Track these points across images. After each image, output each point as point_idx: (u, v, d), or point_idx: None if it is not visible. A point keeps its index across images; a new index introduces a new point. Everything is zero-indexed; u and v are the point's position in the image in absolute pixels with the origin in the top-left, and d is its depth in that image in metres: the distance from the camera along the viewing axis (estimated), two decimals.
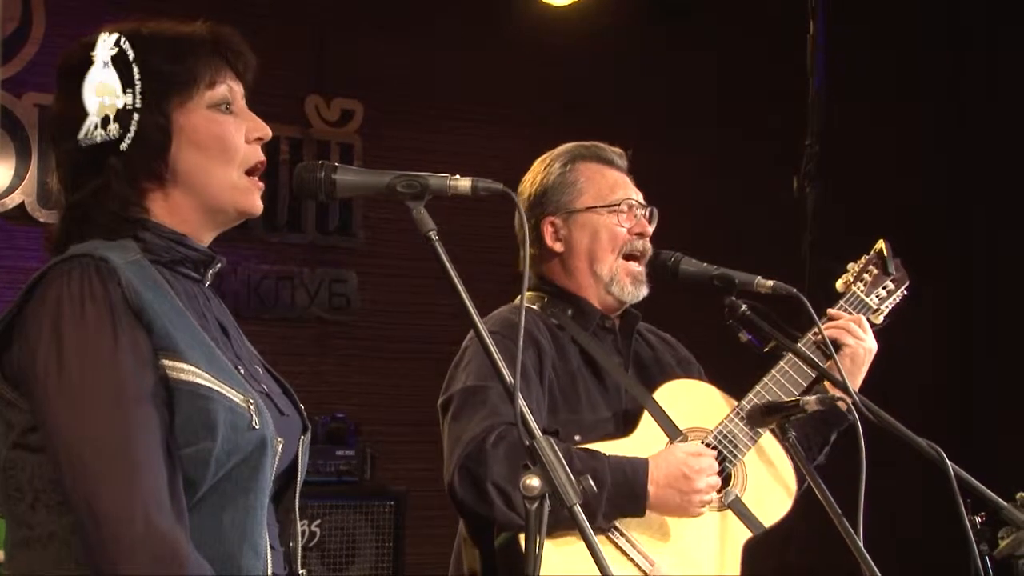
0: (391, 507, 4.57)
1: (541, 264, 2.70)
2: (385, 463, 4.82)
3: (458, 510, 2.46)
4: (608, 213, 2.65)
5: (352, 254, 5.41)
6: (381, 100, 5.40)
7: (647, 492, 2.44)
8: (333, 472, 4.57)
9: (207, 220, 1.80)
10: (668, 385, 2.64)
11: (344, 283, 5.36)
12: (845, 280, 2.75)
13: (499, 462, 2.36)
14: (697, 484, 2.46)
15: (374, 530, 4.54)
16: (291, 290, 5.26)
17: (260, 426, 1.69)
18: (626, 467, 2.44)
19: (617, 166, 2.72)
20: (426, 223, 1.76)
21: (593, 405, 2.58)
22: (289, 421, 1.83)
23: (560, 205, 2.66)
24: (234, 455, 1.66)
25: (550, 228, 2.67)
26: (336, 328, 5.34)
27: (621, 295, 2.65)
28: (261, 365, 1.88)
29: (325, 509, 4.46)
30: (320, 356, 5.27)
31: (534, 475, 1.65)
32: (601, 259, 2.64)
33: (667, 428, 2.56)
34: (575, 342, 2.62)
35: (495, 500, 2.35)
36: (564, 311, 2.65)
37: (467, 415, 2.44)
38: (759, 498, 2.57)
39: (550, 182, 2.68)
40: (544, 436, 1.67)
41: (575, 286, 2.67)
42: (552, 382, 2.54)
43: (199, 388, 1.64)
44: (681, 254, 2.67)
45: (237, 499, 1.68)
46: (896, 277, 2.75)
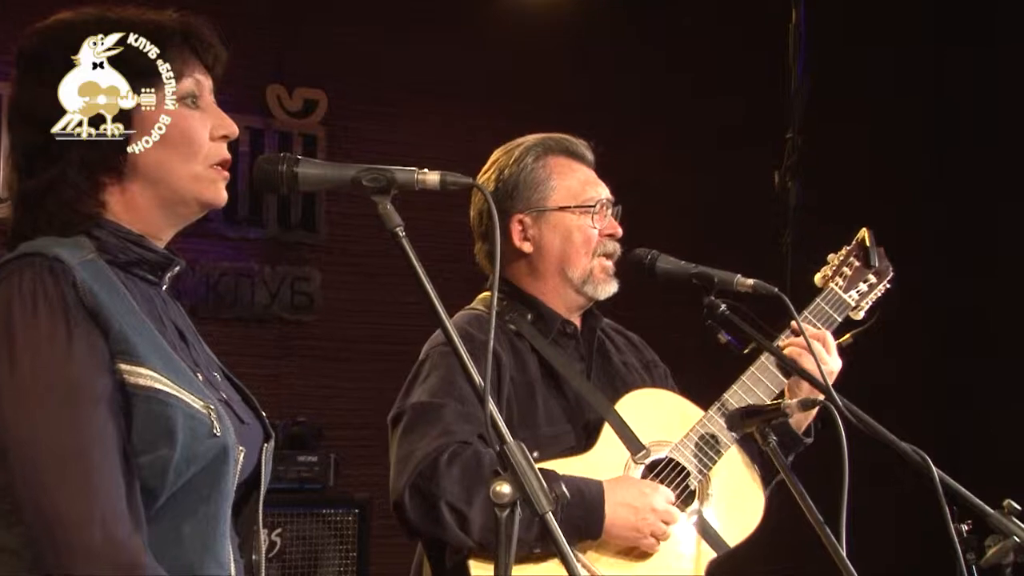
0: (355, 515, 4.55)
1: (503, 263, 2.67)
2: (349, 469, 4.80)
3: (405, 529, 2.43)
4: (581, 214, 2.64)
5: (315, 251, 5.40)
6: (346, 90, 5.39)
7: (604, 509, 2.42)
8: (294, 479, 4.55)
9: (167, 214, 1.79)
10: (632, 395, 2.62)
11: (307, 281, 5.34)
12: (824, 274, 2.74)
13: (453, 481, 2.35)
14: (654, 501, 2.45)
15: (337, 539, 4.52)
16: (251, 288, 5.24)
17: (221, 433, 1.68)
18: (580, 485, 2.42)
19: (586, 161, 2.71)
20: (392, 219, 1.76)
21: (552, 418, 2.56)
22: (250, 430, 1.82)
23: (531, 203, 2.64)
24: (194, 464, 1.65)
25: (518, 226, 2.64)
26: (298, 328, 5.32)
27: (595, 293, 2.64)
28: (220, 371, 1.87)
29: (286, 517, 4.44)
30: (281, 358, 5.25)
31: (504, 482, 1.64)
32: (574, 262, 2.63)
33: (629, 442, 2.54)
34: (534, 350, 2.60)
35: (448, 521, 2.34)
36: (524, 316, 2.63)
37: (420, 431, 2.42)
38: (725, 516, 2.56)
39: (521, 177, 2.64)
40: (516, 441, 1.67)
41: (539, 288, 2.65)
42: (510, 395, 2.52)
43: (157, 393, 1.63)
44: (658, 252, 2.66)
45: (197, 509, 1.67)
46: (878, 269, 2.73)
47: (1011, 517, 2.25)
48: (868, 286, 2.72)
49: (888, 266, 2.76)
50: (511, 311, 2.63)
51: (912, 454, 2.27)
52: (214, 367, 1.86)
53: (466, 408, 2.41)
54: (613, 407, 2.57)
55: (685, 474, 2.55)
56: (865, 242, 2.73)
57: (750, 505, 2.59)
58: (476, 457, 2.36)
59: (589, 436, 2.55)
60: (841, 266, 2.73)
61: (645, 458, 2.54)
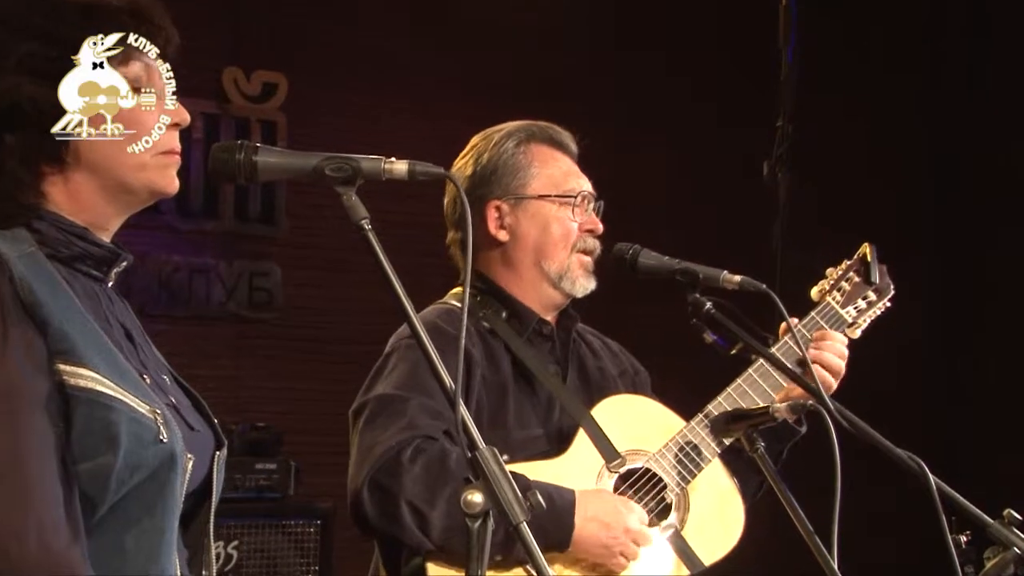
0: (317, 526, 4.55)
1: (477, 253, 2.68)
2: (311, 477, 4.79)
3: (360, 527, 2.43)
4: (561, 204, 2.66)
5: (275, 244, 5.39)
6: (308, 73, 5.37)
7: (573, 521, 2.43)
8: (252, 487, 4.54)
9: (113, 203, 1.79)
10: (609, 401, 2.63)
11: (265, 277, 5.33)
12: (821, 288, 2.76)
13: (415, 479, 2.35)
14: (628, 520, 2.46)
15: (298, 552, 4.51)
16: (206, 284, 5.22)
17: (168, 440, 1.68)
18: (552, 492, 2.43)
19: (570, 152, 2.74)
20: (358, 211, 1.76)
21: (523, 421, 2.57)
22: (200, 437, 1.82)
23: (509, 189, 2.66)
24: (138, 471, 1.64)
25: (494, 213, 2.66)
26: (256, 327, 5.31)
27: (571, 289, 2.65)
28: (169, 375, 1.87)
29: (243, 529, 4.43)
30: (238, 358, 5.24)
31: (476, 490, 1.65)
32: (551, 255, 2.65)
33: (604, 449, 2.55)
34: (508, 350, 2.61)
35: (407, 520, 2.34)
36: (498, 313, 2.64)
37: (381, 424, 2.42)
38: (701, 533, 2.57)
39: (500, 161, 2.67)
40: (488, 447, 1.68)
41: (514, 282, 2.67)
42: (480, 395, 2.53)
43: (100, 396, 1.63)
44: (640, 246, 2.68)
45: (142, 520, 1.67)
46: (879, 287, 2.75)
47: (1012, 527, 2.26)
48: (867, 303, 2.75)
49: (889, 284, 2.78)
50: (485, 307, 2.65)
51: (908, 460, 2.29)
52: (163, 369, 1.86)
53: (433, 402, 2.42)
54: (588, 412, 2.58)
55: (662, 486, 2.56)
56: (867, 257, 2.75)
57: (729, 523, 2.60)
58: (441, 454, 2.37)
59: (562, 441, 2.56)
60: (840, 280, 2.75)
61: (620, 467, 2.55)
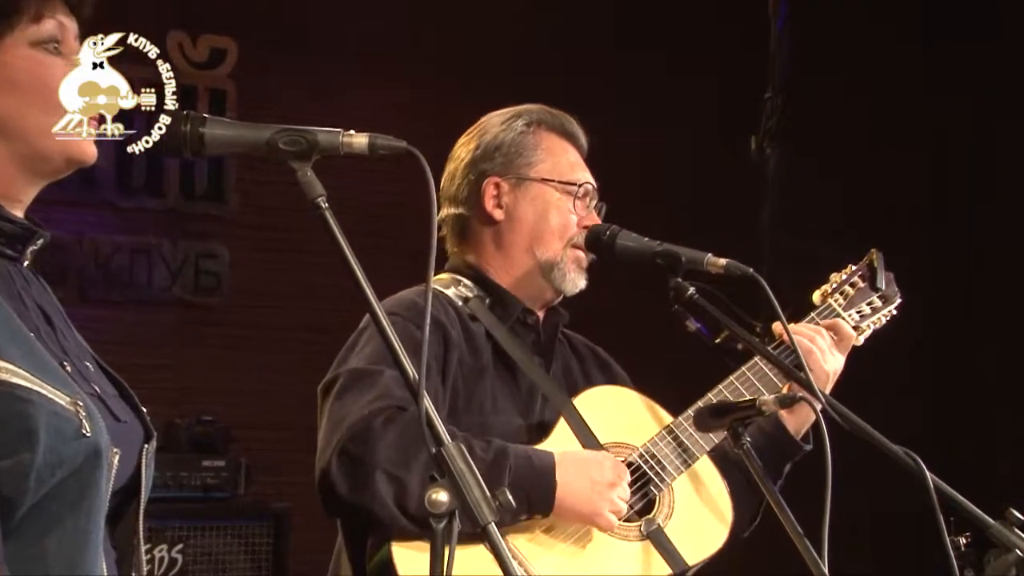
0: (270, 528, 4.55)
1: (468, 231, 2.73)
2: (263, 476, 4.80)
3: (329, 506, 2.43)
4: (563, 193, 2.70)
5: (223, 224, 5.37)
6: (260, 38, 5.36)
7: (555, 479, 2.45)
8: (199, 486, 4.53)
9: (26, 171, 1.78)
10: (593, 391, 2.66)
11: (213, 259, 5.31)
12: (823, 292, 2.79)
13: (389, 445, 2.36)
14: (608, 474, 2.48)
15: (249, 556, 4.52)
16: (148, 266, 5.20)
17: (91, 433, 1.67)
18: (531, 453, 2.47)
19: (579, 145, 2.78)
20: (314, 188, 1.76)
21: (502, 409, 2.60)
22: (127, 428, 1.81)
23: (512, 167, 2.70)
24: (59, 469, 1.64)
25: (492, 190, 2.70)
26: (203, 313, 5.30)
27: (562, 284, 2.68)
28: (92, 361, 1.86)
29: (189, 531, 4.43)
30: (183, 347, 5.23)
31: (442, 488, 1.66)
32: (545, 243, 2.68)
33: (585, 440, 2.57)
34: (490, 337, 2.64)
35: (381, 491, 2.34)
36: (481, 299, 2.68)
37: (353, 396, 2.44)
38: (686, 531, 2.59)
39: (507, 139, 2.71)
40: (454, 443, 1.68)
41: (503, 266, 2.70)
42: (457, 378, 2.56)
43: (15, 389, 1.62)
44: (618, 227, 2.69)
45: (64, 521, 1.66)
46: (885, 294, 2.78)
47: (1013, 528, 2.28)
48: (871, 309, 2.78)
49: (896, 292, 2.81)
50: (470, 293, 2.68)
51: (904, 457, 2.31)
52: (85, 355, 1.85)
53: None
54: (571, 401, 2.61)
55: (645, 481, 2.58)
56: (873, 263, 2.78)
57: (716, 522, 2.63)
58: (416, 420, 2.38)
59: (542, 433, 2.59)
60: (843, 284, 2.78)
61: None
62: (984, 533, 2.31)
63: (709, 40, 5.72)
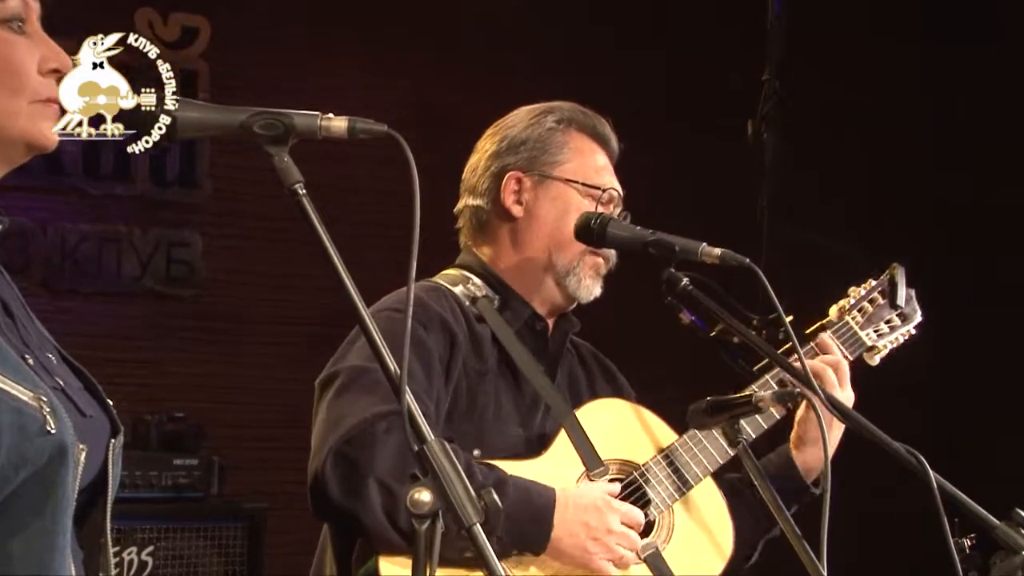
0: (244, 530, 4.55)
1: (485, 225, 2.74)
2: (237, 475, 4.79)
3: (318, 508, 2.43)
4: (586, 196, 2.71)
5: (196, 211, 5.36)
6: (234, 16, 5.35)
7: (552, 519, 2.44)
8: (170, 486, 4.53)
9: None
10: (596, 403, 2.67)
11: (186, 247, 5.31)
12: (840, 307, 2.80)
13: (390, 454, 2.35)
14: (611, 521, 2.48)
15: (222, 559, 4.51)
16: (117, 256, 5.20)
17: (56, 430, 1.66)
18: (531, 487, 2.46)
19: (610, 149, 2.79)
20: (291, 174, 1.76)
21: (503, 417, 2.60)
22: (93, 423, 1.81)
23: (536, 162, 2.71)
24: (23, 468, 1.63)
25: (513, 185, 2.71)
26: (175, 304, 5.29)
27: (576, 290, 2.69)
28: (55, 353, 1.86)
29: (160, 533, 4.42)
30: (154, 340, 5.22)
31: (424, 488, 1.66)
32: (563, 246, 2.69)
33: (585, 455, 2.57)
34: (495, 340, 2.64)
35: (374, 501, 2.34)
36: (490, 300, 2.68)
37: (354, 395, 2.43)
38: (684, 556, 2.59)
39: (535, 134, 2.73)
40: (437, 440, 1.69)
41: (516, 266, 2.71)
42: (460, 382, 2.56)
43: None
44: (608, 215, 2.69)
45: (29, 523, 1.65)
46: (904, 312, 2.81)
47: (1020, 529, 2.29)
48: (890, 327, 2.80)
49: (916, 310, 2.84)
50: (479, 293, 2.69)
51: (905, 455, 2.31)
52: (48, 347, 1.85)
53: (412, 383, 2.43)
54: (573, 413, 2.61)
55: (645, 502, 2.59)
56: (895, 279, 2.80)
57: (715, 548, 2.64)
58: None
59: (542, 444, 2.59)
60: (862, 300, 2.80)
61: (601, 476, 2.57)
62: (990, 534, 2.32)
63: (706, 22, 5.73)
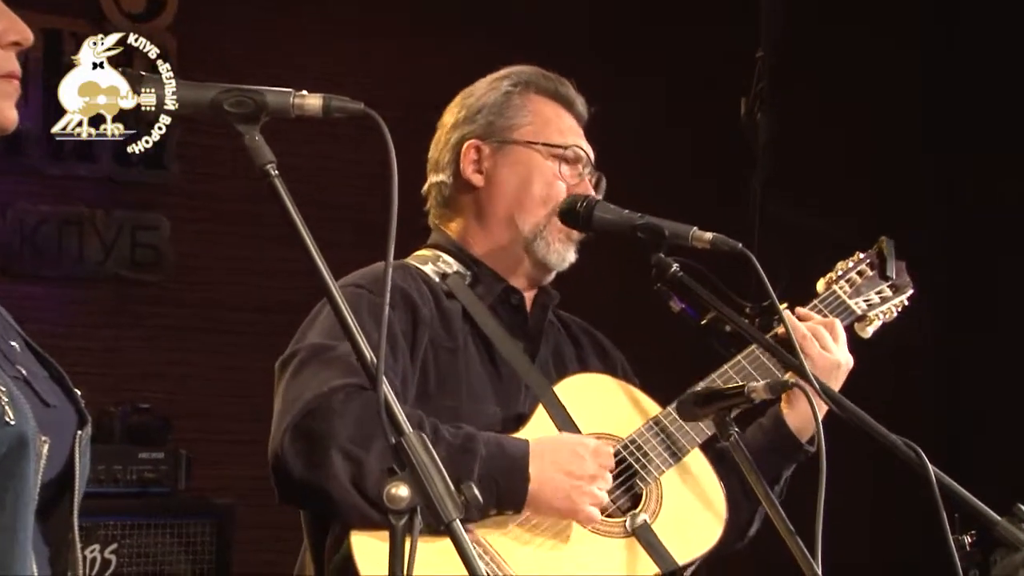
0: (212, 526, 4.54)
1: (449, 200, 2.74)
2: (205, 469, 4.79)
3: (283, 490, 2.44)
4: (549, 156, 2.71)
5: (163, 193, 5.35)
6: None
7: (528, 471, 2.45)
8: (135, 480, 4.52)
9: None
10: (576, 378, 2.67)
11: (152, 231, 5.29)
12: (828, 279, 2.82)
13: (350, 422, 2.36)
14: (587, 465, 2.49)
15: (190, 556, 4.51)
16: (79, 239, 5.18)
17: (16, 421, 1.66)
18: (503, 440, 2.48)
19: (575, 111, 2.79)
20: (262, 153, 1.77)
21: (477, 395, 2.61)
22: (58, 413, 1.81)
23: (493, 129, 2.72)
24: None
25: (472, 154, 2.72)
26: (140, 290, 5.28)
27: (546, 255, 2.69)
28: (19, 340, 1.86)
29: (124, 529, 4.42)
30: (119, 327, 5.21)
31: (402, 483, 1.66)
32: (527, 211, 2.69)
33: (564, 429, 2.59)
34: (467, 316, 2.65)
35: (338, 471, 2.35)
36: (461, 276, 2.69)
37: (311, 373, 2.45)
38: (675, 529, 2.60)
39: (492, 99, 2.74)
40: (416, 432, 1.69)
41: (483, 237, 2.71)
42: (428, 358, 2.57)
43: None
44: (596, 197, 2.70)
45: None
46: (896, 283, 2.82)
47: (1022, 525, 2.30)
48: (881, 298, 2.81)
49: (908, 281, 2.85)
50: (449, 269, 2.70)
51: (903, 448, 2.32)
52: (11, 334, 1.85)
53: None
54: (551, 388, 2.62)
55: (631, 474, 2.59)
56: (883, 251, 2.81)
57: (708, 519, 2.64)
58: None
59: (519, 422, 2.60)
60: (849, 272, 2.81)
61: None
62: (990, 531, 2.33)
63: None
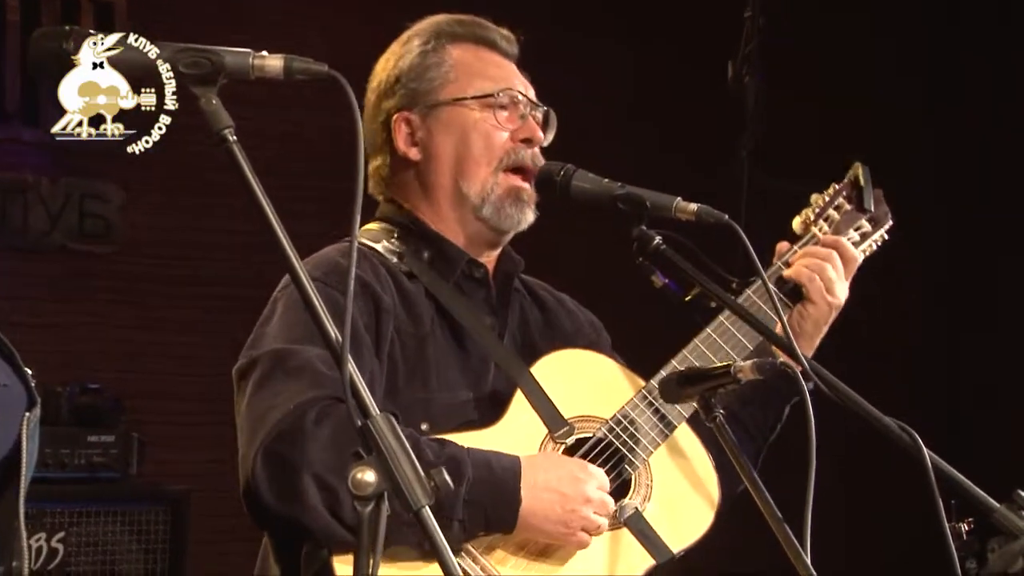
0: (166, 514, 4.54)
1: (392, 179, 2.73)
2: (159, 453, 4.79)
3: (255, 516, 2.44)
4: (482, 108, 2.68)
5: (113, 159, 5.32)
6: None
7: (519, 494, 2.45)
8: (83, 465, 4.52)
9: None
10: (552, 357, 2.66)
11: (102, 200, 5.28)
12: (804, 218, 2.80)
13: (323, 446, 2.35)
14: (587, 489, 2.49)
15: (141, 545, 4.51)
16: (23, 208, 5.16)
17: None
18: (491, 460, 2.47)
19: (501, 51, 2.75)
20: (219, 118, 1.76)
21: (448, 382, 2.60)
22: (8, 393, 1.81)
23: (417, 95, 2.69)
24: None
25: (403, 128, 2.70)
26: (90, 263, 5.27)
27: (496, 220, 2.67)
28: None
29: (72, 517, 4.41)
30: (66, 302, 5.20)
31: (368, 467, 1.67)
32: (470, 173, 2.67)
33: (547, 415, 2.58)
34: (431, 296, 2.64)
35: (313, 499, 2.34)
36: (419, 253, 2.67)
37: (278, 384, 2.43)
38: (667, 515, 2.60)
39: (406, 65, 2.70)
40: (383, 414, 1.69)
41: (433, 211, 2.70)
42: (395, 350, 2.56)
43: None
44: (573, 166, 2.69)
45: None
46: (875, 215, 2.81)
47: (1021, 512, 2.31)
48: (861, 235, 2.81)
49: (887, 212, 2.84)
50: (405, 247, 2.67)
51: (897, 430, 2.33)
52: None
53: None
54: (528, 371, 2.61)
55: (618, 459, 2.59)
56: (859, 181, 2.80)
57: (701, 502, 2.65)
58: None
59: (496, 407, 2.59)
60: (827, 208, 2.80)
61: (567, 437, 2.58)
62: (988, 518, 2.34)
63: None
